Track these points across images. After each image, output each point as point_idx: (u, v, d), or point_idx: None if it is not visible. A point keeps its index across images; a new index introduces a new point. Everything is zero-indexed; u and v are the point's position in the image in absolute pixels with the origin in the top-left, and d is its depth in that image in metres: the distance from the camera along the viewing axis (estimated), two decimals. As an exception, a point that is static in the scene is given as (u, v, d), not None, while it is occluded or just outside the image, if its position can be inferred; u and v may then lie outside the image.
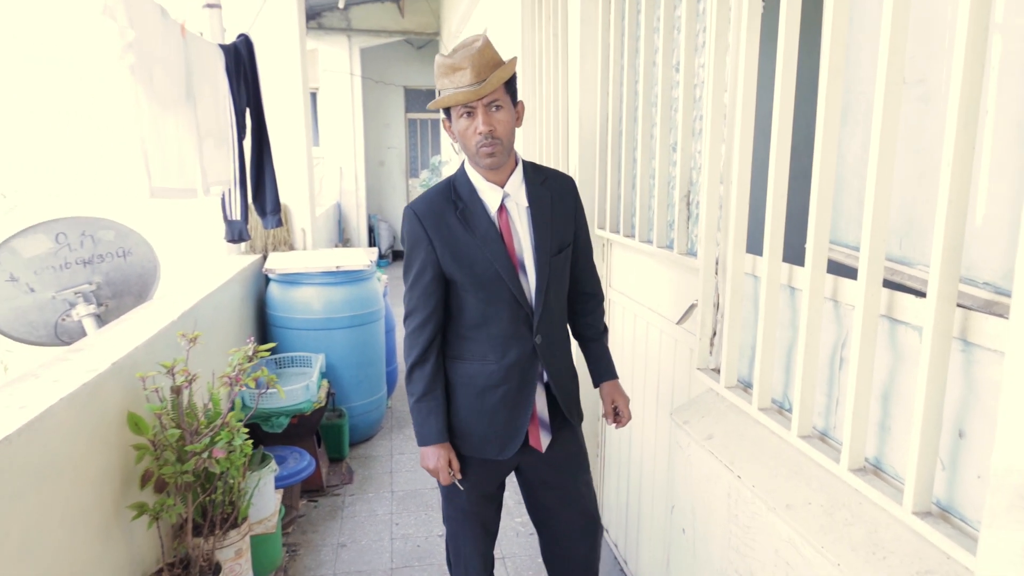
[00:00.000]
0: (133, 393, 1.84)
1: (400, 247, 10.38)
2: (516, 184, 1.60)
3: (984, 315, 0.94)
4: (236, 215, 2.79)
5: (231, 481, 1.92)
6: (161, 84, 1.89)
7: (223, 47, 2.67)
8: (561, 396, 1.68)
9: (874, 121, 1.06)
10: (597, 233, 2.53)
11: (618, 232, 2.38)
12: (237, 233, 2.85)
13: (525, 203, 1.61)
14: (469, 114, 1.49)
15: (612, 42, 2.36)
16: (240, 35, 2.90)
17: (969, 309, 0.97)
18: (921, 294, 1.06)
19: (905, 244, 1.16)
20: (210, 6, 3.50)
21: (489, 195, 1.59)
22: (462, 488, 1.72)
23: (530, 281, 1.60)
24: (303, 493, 3.12)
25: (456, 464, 1.68)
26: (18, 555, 1.31)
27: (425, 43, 9.23)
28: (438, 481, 1.72)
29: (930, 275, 0.96)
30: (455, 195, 1.60)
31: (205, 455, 1.80)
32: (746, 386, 1.59)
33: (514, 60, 1.53)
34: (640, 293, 2.25)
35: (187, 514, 1.86)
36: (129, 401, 1.82)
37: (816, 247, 1.24)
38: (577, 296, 1.78)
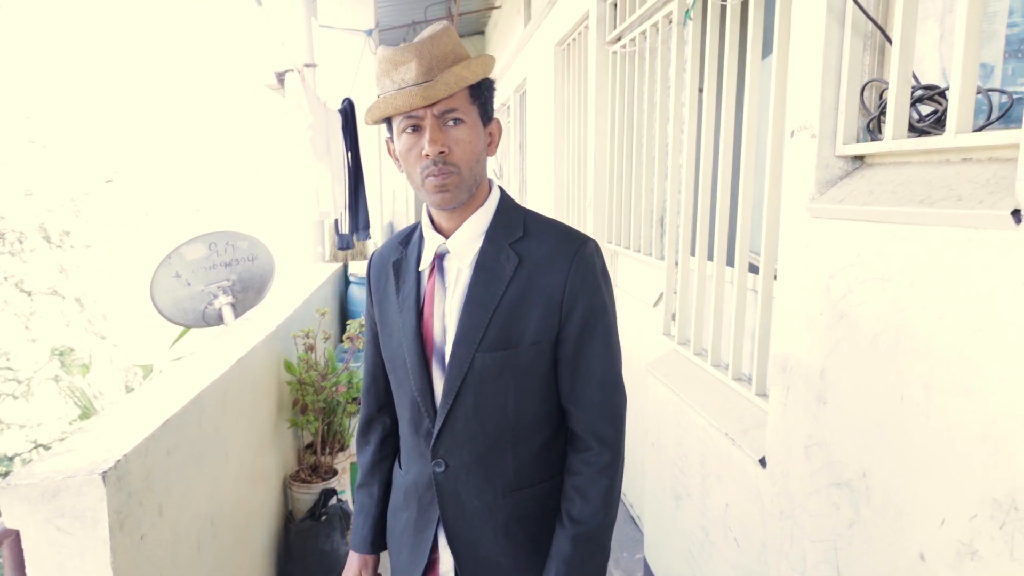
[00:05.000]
0: (287, 347, 2.75)
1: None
2: (468, 236, 1.12)
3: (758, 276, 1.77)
4: (346, 230, 3.79)
5: (348, 409, 2.81)
6: (319, 144, 2.85)
7: (340, 111, 3.68)
8: (465, 566, 1.16)
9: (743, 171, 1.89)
10: (606, 247, 3.37)
11: (620, 245, 3.23)
12: (346, 243, 3.87)
13: (469, 267, 1.12)
14: (415, 128, 1.04)
15: (617, 108, 3.22)
16: (345, 99, 3.88)
17: (756, 273, 1.80)
18: (754, 269, 1.88)
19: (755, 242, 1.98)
20: (308, 65, 4.52)
21: (428, 246, 1.15)
22: None
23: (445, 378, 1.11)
24: (378, 447, 4.01)
25: None
26: (245, 431, 2.21)
27: (471, 80, 10.29)
28: None
29: (735, 256, 1.79)
30: (405, 239, 1.21)
31: (333, 389, 2.70)
32: (689, 343, 2.41)
33: (486, 59, 1.06)
34: (634, 288, 3.09)
35: (319, 431, 2.75)
36: (284, 352, 2.73)
37: (718, 252, 2.08)
38: (570, 436, 1.19)
